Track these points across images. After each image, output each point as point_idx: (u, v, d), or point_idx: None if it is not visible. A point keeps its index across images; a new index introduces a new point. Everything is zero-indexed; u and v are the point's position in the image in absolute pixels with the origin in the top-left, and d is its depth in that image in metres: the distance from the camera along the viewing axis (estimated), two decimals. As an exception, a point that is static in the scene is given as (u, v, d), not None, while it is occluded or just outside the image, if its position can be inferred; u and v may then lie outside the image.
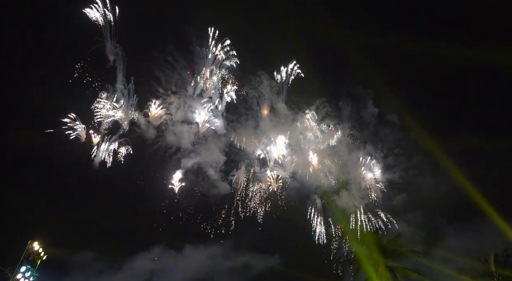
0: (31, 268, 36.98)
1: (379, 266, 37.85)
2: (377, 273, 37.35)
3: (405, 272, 37.48)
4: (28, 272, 36.55)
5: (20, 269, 35.68)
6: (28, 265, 36.63)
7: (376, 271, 37.47)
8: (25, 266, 36.32)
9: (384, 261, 37.90)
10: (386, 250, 38.26)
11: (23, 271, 35.91)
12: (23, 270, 35.96)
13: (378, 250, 38.17)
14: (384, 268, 37.74)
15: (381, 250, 38.12)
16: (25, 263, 36.42)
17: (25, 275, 36.14)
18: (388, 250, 38.33)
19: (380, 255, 37.86)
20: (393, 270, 37.32)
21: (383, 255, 37.72)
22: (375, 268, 37.92)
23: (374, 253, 38.31)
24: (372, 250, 38.74)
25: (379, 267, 37.70)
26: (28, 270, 36.58)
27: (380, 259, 37.74)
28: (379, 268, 37.61)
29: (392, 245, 38.93)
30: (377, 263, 37.82)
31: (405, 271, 37.51)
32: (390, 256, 38.19)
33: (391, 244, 38.97)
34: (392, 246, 38.75)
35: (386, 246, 38.59)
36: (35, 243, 37.41)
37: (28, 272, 36.55)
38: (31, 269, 36.96)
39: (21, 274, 35.75)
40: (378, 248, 38.15)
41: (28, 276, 36.59)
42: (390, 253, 38.29)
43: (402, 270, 37.48)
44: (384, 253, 38.00)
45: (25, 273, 36.17)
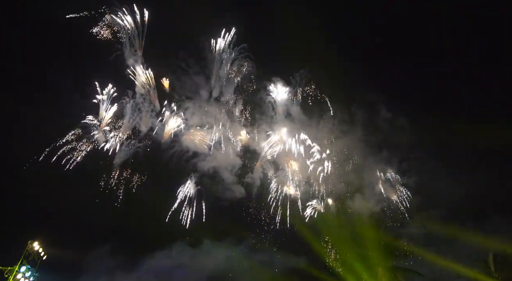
0: (31, 268, 36.93)
1: (380, 266, 37.99)
2: (378, 273, 37.45)
3: (405, 272, 37.57)
4: (28, 272, 36.42)
5: (20, 269, 35.57)
6: (28, 265, 36.60)
7: (376, 272, 37.57)
8: (25, 266, 36.21)
9: (384, 261, 38.04)
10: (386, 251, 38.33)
11: (23, 271, 35.73)
12: (23, 270, 35.78)
13: (379, 250, 38.27)
14: (384, 268, 37.88)
15: (382, 250, 38.20)
16: (25, 263, 36.37)
17: (25, 275, 35.97)
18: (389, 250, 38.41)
19: (380, 255, 37.96)
20: (393, 270, 37.43)
21: (384, 255, 37.79)
22: (375, 268, 38.04)
23: (376, 254, 38.42)
24: (374, 251, 38.82)
25: (379, 268, 37.81)
26: (28, 270, 36.48)
27: (381, 260, 37.85)
28: (379, 269, 37.72)
29: (392, 246, 39.05)
30: (378, 264, 37.92)
31: (405, 271, 37.59)
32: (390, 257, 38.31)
33: (391, 245, 39.05)
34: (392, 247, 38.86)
35: (387, 247, 38.65)
36: (35, 243, 37.37)
37: (28, 272, 36.42)
38: (31, 269, 36.87)
39: (21, 274, 35.60)
40: (380, 248, 38.23)
41: (28, 276, 36.45)
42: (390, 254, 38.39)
43: (402, 270, 37.57)
44: (384, 253, 38.07)
45: (25, 273, 36.01)
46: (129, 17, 54.40)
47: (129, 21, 54.49)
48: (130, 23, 54.52)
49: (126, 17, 54.30)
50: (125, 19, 54.33)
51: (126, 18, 54.31)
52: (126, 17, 54.30)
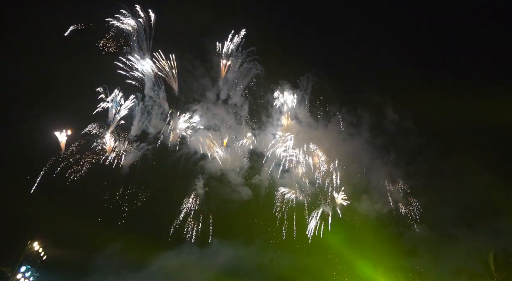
0: (31, 268, 36.97)
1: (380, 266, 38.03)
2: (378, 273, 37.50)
3: (405, 272, 37.59)
4: (28, 272, 36.49)
5: (20, 269, 35.61)
6: (28, 265, 36.63)
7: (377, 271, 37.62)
8: (25, 266, 36.27)
9: (384, 261, 38.08)
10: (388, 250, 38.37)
11: (23, 271, 35.82)
12: (23, 270, 35.88)
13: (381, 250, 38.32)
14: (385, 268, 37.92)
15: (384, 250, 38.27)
16: (25, 263, 36.41)
17: (25, 275, 36.06)
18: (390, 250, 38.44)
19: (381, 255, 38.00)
20: (394, 270, 37.47)
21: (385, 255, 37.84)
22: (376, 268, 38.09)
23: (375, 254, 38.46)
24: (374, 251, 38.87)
25: (380, 267, 37.85)
26: (28, 270, 36.54)
27: (381, 260, 37.90)
28: (380, 268, 37.77)
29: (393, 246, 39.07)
30: (378, 264, 37.97)
31: (405, 271, 37.62)
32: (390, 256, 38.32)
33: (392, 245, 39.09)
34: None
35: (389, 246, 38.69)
36: (35, 243, 37.45)
37: (28, 272, 36.50)
38: (31, 269, 36.93)
39: (21, 274, 35.67)
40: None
41: (28, 276, 36.53)
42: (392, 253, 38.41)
43: (402, 270, 37.59)
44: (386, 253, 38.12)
45: (25, 273, 36.09)
46: (132, 21, 54.90)
47: (134, 24, 54.96)
48: (136, 25, 54.98)
49: (132, 20, 54.83)
50: (131, 22, 54.85)
51: (130, 21, 54.81)
52: (132, 20, 54.83)
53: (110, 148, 53.30)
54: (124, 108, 54.42)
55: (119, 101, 54.01)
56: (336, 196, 54.49)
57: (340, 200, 54.27)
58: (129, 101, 54.55)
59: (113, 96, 53.58)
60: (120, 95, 54.00)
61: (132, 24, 54.84)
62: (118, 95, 53.80)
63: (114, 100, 53.68)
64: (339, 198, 54.37)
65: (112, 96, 53.57)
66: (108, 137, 53.34)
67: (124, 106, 54.40)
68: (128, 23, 54.69)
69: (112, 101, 53.63)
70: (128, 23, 54.72)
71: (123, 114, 54.49)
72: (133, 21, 54.81)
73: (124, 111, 54.43)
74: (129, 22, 54.70)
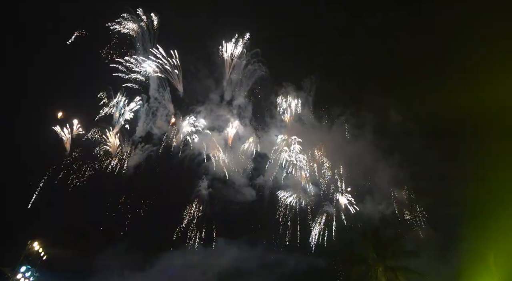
0: (31, 268, 37.01)
1: (380, 266, 37.96)
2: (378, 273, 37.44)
3: (405, 272, 37.51)
4: (28, 272, 36.56)
5: (20, 269, 35.67)
6: (28, 265, 36.66)
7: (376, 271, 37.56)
8: (25, 266, 36.33)
9: (384, 261, 38.02)
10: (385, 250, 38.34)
11: (23, 271, 35.89)
12: (23, 270, 35.95)
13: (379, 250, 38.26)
14: (384, 268, 37.85)
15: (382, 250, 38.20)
16: (25, 263, 36.44)
17: (25, 275, 36.14)
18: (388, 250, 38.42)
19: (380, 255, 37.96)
20: (393, 270, 37.39)
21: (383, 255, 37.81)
22: (375, 268, 38.01)
23: (375, 253, 38.42)
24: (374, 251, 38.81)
25: (379, 268, 37.80)
26: (28, 270, 36.59)
27: (381, 259, 37.85)
28: (379, 269, 37.71)
29: (392, 246, 39.02)
30: (378, 264, 37.92)
31: (405, 271, 37.54)
32: (390, 257, 38.29)
33: (391, 244, 39.05)
34: (392, 246, 38.84)
35: (386, 246, 38.67)
36: (35, 243, 37.48)
37: (28, 272, 36.56)
38: (31, 269, 36.98)
39: (21, 274, 35.74)
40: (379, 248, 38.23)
41: (28, 276, 36.60)
42: (390, 253, 38.37)
43: (402, 270, 37.52)
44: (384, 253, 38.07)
45: (25, 273, 36.16)
46: (135, 24, 54.81)
47: (138, 27, 54.82)
48: (139, 29, 54.90)
49: (135, 23, 54.76)
50: (135, 24, 54.76)
51: (134, 24, 54.71)
52: (135, 23, 54.76)
53: (115, 146, 53.45)
54: (129, 111, 54.62)
55: (124, 103, 54.28)
56: (341, 199, 54.60)
57: (343, 205, 54.41)
58: (133, 103, 54.77)
59: (117, 99, 53.86)
60: (124, 99, 54.23)
61: (136, 27, 54.90)
62: (122, 98, 54.06)
63: (118, 102, 53.92)
64: (343, 201, 54.49)
65: (117, 99, 53.84)
66: (113, 139, 53.53)
67: (129, 109, 54.57)
68: (131, 26, 54.68)
69: (117, 103, 53.86)
70: (132, 26, 54.71)
71: (128, 117, 54.69)
72: (136, 24, 54.85)
73: (128, 114, 54.63)
74: (132, 25, 54.72)
